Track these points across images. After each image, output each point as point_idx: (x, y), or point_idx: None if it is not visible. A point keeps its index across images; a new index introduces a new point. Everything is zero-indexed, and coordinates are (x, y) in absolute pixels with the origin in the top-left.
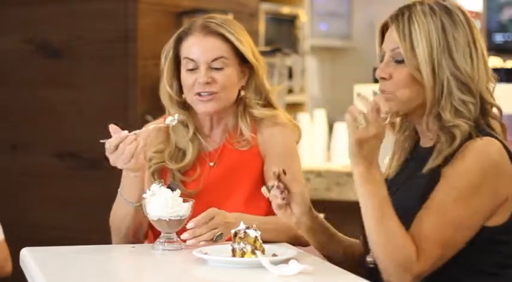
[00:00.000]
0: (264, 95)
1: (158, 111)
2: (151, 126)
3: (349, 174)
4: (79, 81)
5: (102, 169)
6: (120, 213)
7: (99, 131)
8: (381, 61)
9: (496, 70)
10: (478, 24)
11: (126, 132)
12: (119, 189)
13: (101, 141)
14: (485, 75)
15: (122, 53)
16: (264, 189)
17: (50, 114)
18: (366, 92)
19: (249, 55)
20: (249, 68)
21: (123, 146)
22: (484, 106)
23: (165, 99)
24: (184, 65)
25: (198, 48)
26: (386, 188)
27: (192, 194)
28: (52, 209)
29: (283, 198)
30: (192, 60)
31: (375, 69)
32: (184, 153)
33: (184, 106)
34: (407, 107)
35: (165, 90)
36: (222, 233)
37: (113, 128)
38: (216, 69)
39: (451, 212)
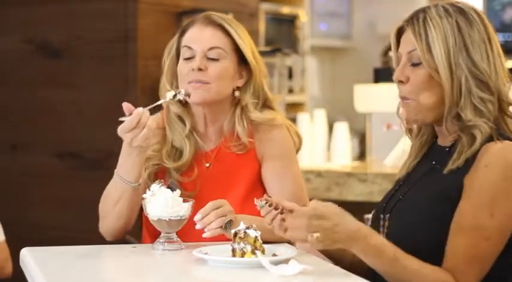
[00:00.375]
0: (262, 98)
1: (158, 111)
2: (161, 101)
3: (349, 174)
4: (79, 81)
5: (102, 169)
6: (114, 196)
7: (99, 131)
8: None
9: None
10: None
11: (141, 108)
12: (115, 170)
13: (120, 119)
14: (503, 74)
15: (122, 53)
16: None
17: (50, 114)
18: (366, 92)
19: (248, 53)
20: (248, 71)
21: (143, 123)
22: (502, 105)
23: (164, 93)
24: (182, 54)
25: (196, 36)
26: (386, 242)
27: (190, 196)
28: (52, 209)
29: (282, 212)
30: (189, 48)
31: (375, 69)
32: (181, 152)
33: (181, 103)
34: (434, 113)
35: (165, 87)
36: (231, 220)
37: (126, 105)
38: (212, 59)
39: (486, 228)
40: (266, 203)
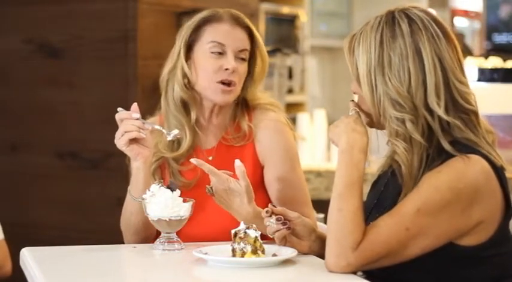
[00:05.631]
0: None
1: (159, 111)
2: (156, 126)
3: None
4: (79, 81)
5: (102, 169)
6: (128, 212)
7: (99, 131)
8: None
9: (496, 70)
10: (477, 24)
11: (138, 115)
12: (128, 188)
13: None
14: (437, 90)
15: (122, 53)
16: (208, 189)
17: (50, 114)
18: None
19: (266, 54)
20: (249, 68)
21: (126, 122)
22: (444, 122)
23: (178, 78)
24: (209, 49)
25: (229, 34)
26: (361, 172)
27: (191, 185)
28: (52, 209)
29: (288, 228)
30: (221, 44)
31: None
32: (179, 142)
33: (186, 88)
34: (369, 122)
35: (181, 69)
36: (211, 188)
37: (133, 106)
38: (240, 60)
39: (410, 219)
40: (271, 213)
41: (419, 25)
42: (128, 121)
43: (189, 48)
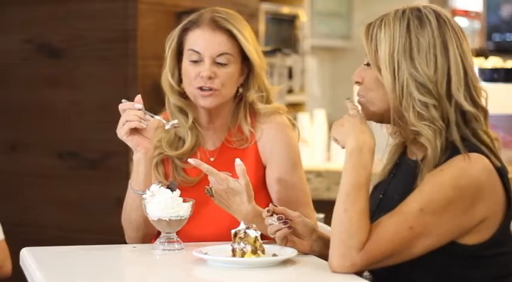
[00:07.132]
0: (265, 91)
1: (159, 111)
2: (157, 117)
3: None
4: (79, 81)
5: (102, 169)
6: (129, 207)
7: (99, 131)
8: None
9: (496, 70)
10: (477, 24)
11: (141, 106)
12: (129, 181)
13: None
14: (459, 81)
15: (122, 53)
16: (207, 190)
17: (50, 114)
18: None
19: (253, 54)
20: (248, 66)
21: (128, 112)
22: (464, 114)
23: (166, 87)
24: (188, 57)
25: (204, 41)
26: (369, 173)
27: (194, 182)
28: (52, 209)
29: (289, 227)
30: (197, 52)
31: None
32: (183, 141)
33: (183, 95)
34: (380, 113)
35: (167, 79)
36: (211, 189)
37: (137, 98)
38: (220, 64)
39: (413, 218)
40: (272, 213)
41: (446, 20)
42: (130, 111)
43: (181, 54)
